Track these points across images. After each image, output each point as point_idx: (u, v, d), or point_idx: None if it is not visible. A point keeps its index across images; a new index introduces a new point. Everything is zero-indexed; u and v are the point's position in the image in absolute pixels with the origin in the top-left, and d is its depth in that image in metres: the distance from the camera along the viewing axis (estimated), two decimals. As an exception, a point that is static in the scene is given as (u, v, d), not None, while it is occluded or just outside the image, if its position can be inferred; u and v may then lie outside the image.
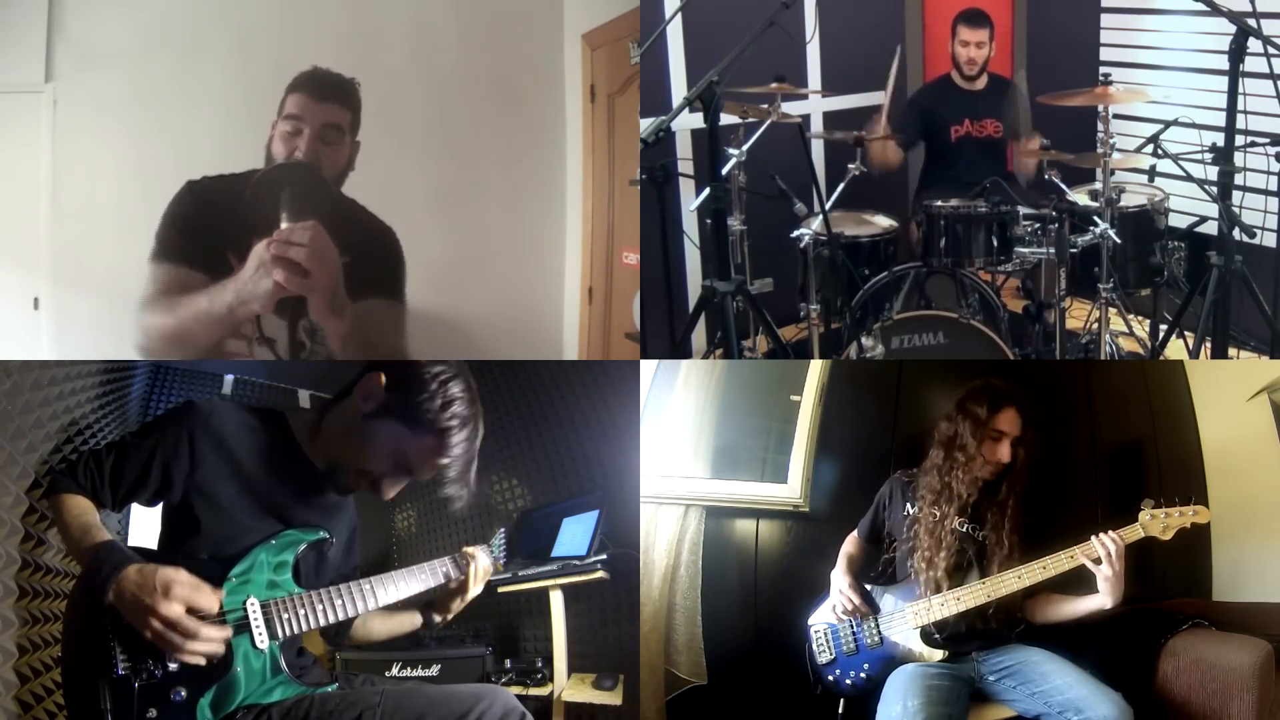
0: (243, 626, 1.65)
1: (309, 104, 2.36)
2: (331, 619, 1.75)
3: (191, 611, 1.57)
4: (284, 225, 2.04)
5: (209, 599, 1.60)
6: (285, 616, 1.70)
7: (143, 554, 1.67)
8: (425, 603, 2.00)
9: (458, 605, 1.98)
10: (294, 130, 2.35)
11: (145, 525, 2.17)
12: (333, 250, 2.08)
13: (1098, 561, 2.02)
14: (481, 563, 1.97)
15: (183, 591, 1.56)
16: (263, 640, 1.66)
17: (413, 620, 2.01)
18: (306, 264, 2.03)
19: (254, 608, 1.67)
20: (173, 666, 1.58)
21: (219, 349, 2.30)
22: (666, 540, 2.56)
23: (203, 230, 2.29)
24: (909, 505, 2.28)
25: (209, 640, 1.58)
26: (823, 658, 2.27)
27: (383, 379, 1.75)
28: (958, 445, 2.22)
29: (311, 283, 2.06)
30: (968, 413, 2.23)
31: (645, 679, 2.49)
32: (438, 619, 1.99)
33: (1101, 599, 2.04)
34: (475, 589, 1.97)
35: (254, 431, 1.80)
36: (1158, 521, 2.03)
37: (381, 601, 1.83)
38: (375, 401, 1.74)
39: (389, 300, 2.48)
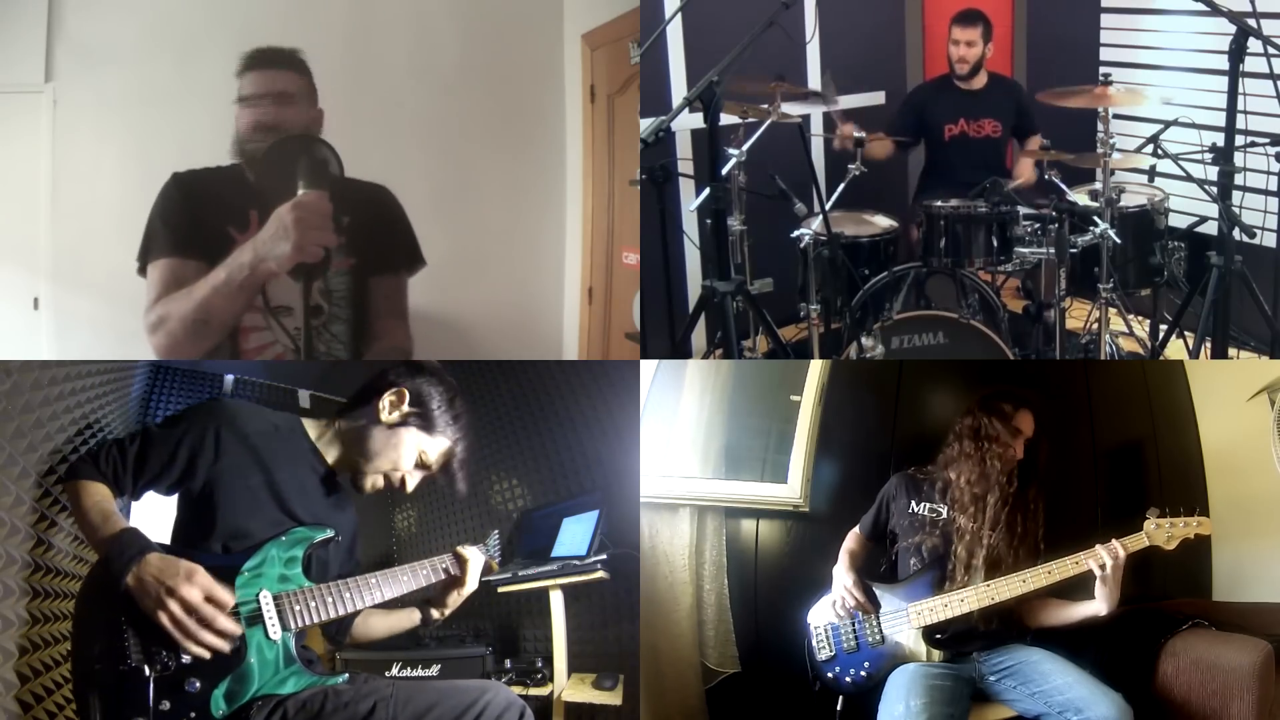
0: (256, 618, 1.69)
1: (257, 77, 2.40)
2: (340, 611, 1.80)
3: (208, 602, 1.62)
4: (300, 192, 2.05)
5: (225, 595, 1.65)
6: (297, 608, 1.74)
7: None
8: (423, 600, 2.06)
9: (455, 600, 2.03)
10: (252, 103, 2.38)
11: (150, 520, 2.17)
12: (329, 226, 2.08)
13: (1103, 566, 2.03)
14: (476, 558, 2.03)
15: (204, 580, 1.62)
16: (275, 631, 1.71)
17: (411, 618, 2.07)
18: (322, 232, 2.05)
19: (267, 600, 1.71)
20: (186, 658, 1.61)
21: (238, 329, 2.31)
22: (687, 540, 2.57)
23: (193, 220, 2.30)
24: (914, 503, 2.28)
25: (223, 631, 1.62)
26: (823, 654, 2.27)
27: (406, 395, 1.92)
28: (986, 435, 2.24)
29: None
30: (993, 408, 2.26)
31: (681, 671, 2.51)
32: (435, 614, 2.05)
33: (1097, 605, 2.05)
34: (471, 585, 2.02)
35: (275, 431, 1.89)
36: (1162, 531, 2.05)
37: (386, 595, 1.88)
38: (399, 413, 1.92)
39: (390, 276, 2.48)
